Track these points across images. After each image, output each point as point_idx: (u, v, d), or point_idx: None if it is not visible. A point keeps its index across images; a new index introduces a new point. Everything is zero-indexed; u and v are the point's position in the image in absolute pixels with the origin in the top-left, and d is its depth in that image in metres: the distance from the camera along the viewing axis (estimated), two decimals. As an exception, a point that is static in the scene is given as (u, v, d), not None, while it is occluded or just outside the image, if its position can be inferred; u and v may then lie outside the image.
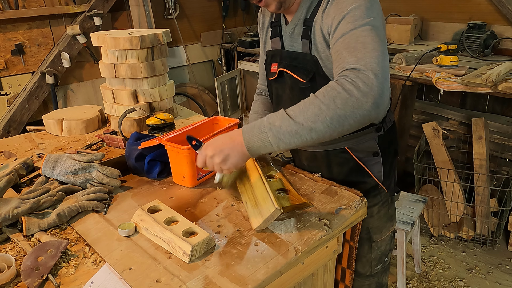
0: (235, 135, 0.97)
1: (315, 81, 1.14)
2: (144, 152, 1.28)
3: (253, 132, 0.94)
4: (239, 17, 4.07)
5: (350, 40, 0.95)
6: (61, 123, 1.72)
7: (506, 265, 2.35)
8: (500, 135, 2.51)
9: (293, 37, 1.19)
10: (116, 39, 1.61)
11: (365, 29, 0.95)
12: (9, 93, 2.83)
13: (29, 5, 2.76)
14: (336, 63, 0.97)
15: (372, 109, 0.88)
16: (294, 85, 1.20)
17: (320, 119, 0.89)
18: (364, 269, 1.36)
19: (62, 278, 0.87)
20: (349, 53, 0.93)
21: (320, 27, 1.08)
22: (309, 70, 1.14)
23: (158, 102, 1.77)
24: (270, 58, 1.29)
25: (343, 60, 0.94)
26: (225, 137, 0.99)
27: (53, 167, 1.22)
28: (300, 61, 1.17)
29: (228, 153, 0.97)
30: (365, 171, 1.24)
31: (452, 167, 2.49)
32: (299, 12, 1.15)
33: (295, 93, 1.21)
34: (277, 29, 1.25)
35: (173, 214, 1.01)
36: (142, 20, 3.21)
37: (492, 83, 2.09)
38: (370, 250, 1.33)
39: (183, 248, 0.89)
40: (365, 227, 1.29)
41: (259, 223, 0.97)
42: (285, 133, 0.91)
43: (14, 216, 1.02)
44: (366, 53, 0.91)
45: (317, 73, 1.13)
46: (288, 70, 1.20)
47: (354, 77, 0.89)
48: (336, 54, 0.98)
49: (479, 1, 2.79)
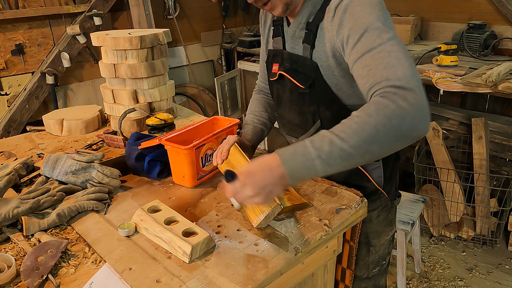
0: (275, 166, 0.84)
1: (314, 87, 1.12)
2: (144, 152, 1.28)
3: (296, 161, 0.84)
4: (239, 17, 4.07)
5: (383, 56, 0.89)
6: (61, 123, 1.72)
7: (506, 265, 2.35)
8: (500, 135, 2.51)
9: (294, 39, 1.17)
10: (116, 39, 1.61)
11: (394, 44, 0.90)
12: (9, 93, 2.83)
13: (29, 5, 2.75)
14: (368, 78, 0.90)
15: (425, 126, 0.83)
16: (294, 89, 1.18)
17: (377, 140, 0.81)
18: (361, 272, 1.34)
19: (62, 278, 0.87)
20: (385, 69, 0.87)
21: (329, 36, 1.03)
22: (308, 76, 1.12)
23: (158, 102, 1.77)
24: (272, 58, 1.27)
25: (380, 76, 0.87)
26: (263, 171, 0.85)
27: (53, 167, 1.22)
28: (300, 65, 1.14)
29: (270, 190, 0.85)
30: (365, 176, 1.22)
31: (452, 167, 2.49)
32: (300, 15, 1.12)
33: (294, 97, 1.20)
34: (279, 29, 1.22)
35: (173, 214, 1.01)
36: (142, 20, 3.21)
37: (492, 83, 2.09)
38: (368, 254, 1.31)
39: (183, 248, 0.90)
40: (364, 231, 1.27)
41: (261, 220, 0.96)
42: (336, 159, 0.83)
43: (14, 216, 1.02)
44: (404, 70, 0.86)
45: (317, 79, 1.11)
46: (288, 75, 1.17)
47: (403, 94, 0.82)
48: (367, 69, 0.91)
49: (479, 1, 2.79)
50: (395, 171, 1.29)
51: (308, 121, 1.19)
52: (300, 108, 1.19)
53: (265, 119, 1.38)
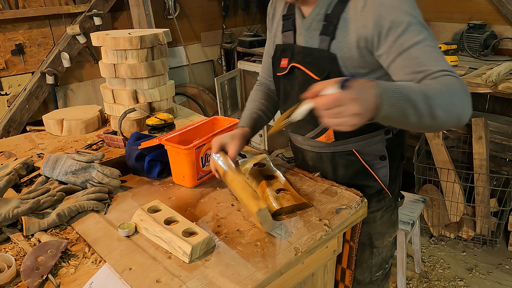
0: (374, 96, 0.80)
1: (329, 79, 1.11)
2: (144, 152, 1.28)
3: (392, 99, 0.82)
4: (239, 17, 4.07)
5: (429, 50, 0.95)
6: (61, 123, 1.72)
7: (506, 265, 2.35)
8: (500, 135, 2.51)
9: (309, 32, 1.14)
10: (116, 39, 1.61)
11: (433, 39, 0.98)
12: (9, 93, 2.83)
13: (29, 5, 2.75)
14: (420, 67, 0.95)
15: (470, 115, 0.92)
16: (306, 82, 1.14)
17: (448, 111, 0.88)
18: (364, 276, 1.33)
19: (62, 278, 0.87)
20: (436, 61, 0.94)
21: (356, 26, 1.03)
22: (324, 68, 1.10)
23: (158, 102, 1.77)
24: (280, 53, 1.24)
25: (434, 66, 0.93)
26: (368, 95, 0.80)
27: (53, 167, 1.22)
28: (315, 58, 1.12)
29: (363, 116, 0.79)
30: (371, 175, 1.22)
31: (452, 167, 2.49)
32: (318, 7, 1.10)
33: (305, 90, 1.18)
34: (290, 23, 1.19)
35: (173, 214, 1.01)
36: (142, 20, 3.21)
37: (492, 83, 2.09)
38: (371, 256, 1.30)
39: (183, 248, 0.89)
40: (367, 232, 1.27)
41: (262, 228, 0.98)
42: (415, 114, 0.84)
43: (14, 216, 1.02)
44: (449, 65, 0.95)
45: (333, 71, 1.09)
46: (301, 66, 1.14)
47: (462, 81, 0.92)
48: (417, 61, 0.95)
49: (479, 1, 2.79)
50: (400, 172, 1.29)
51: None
52: None
53: (264, 106, 1.35)
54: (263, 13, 4.14)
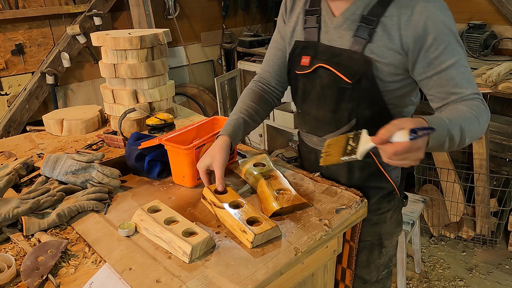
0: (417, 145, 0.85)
1: (360, 82, 1.07)
2: (144, 152, 1.28)
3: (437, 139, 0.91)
4: (239, 17, 4.07)
5: (464, 70, 1.02)
6: (61, 123, 1.72)
7: (506, 265, 2.35)
8: (500, 135, 2.51)
9: (339, 31, 1.10)
10: (116, 39, 1.61)
11: (466, 57, 1.04)
12: (9, 93, 2.83)
13: (29, 5, 2.75)
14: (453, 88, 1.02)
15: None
16: (333, 83, 1.11)
17: (472, 138, 0.98)
18: (371, 275, 1.33)
19: (62, 278, 0.87)
20: (468, 83, 1.02)
21: (400, 34, 1.02)
22: (355, 71, 1.06)
23: (158, 102, 1.77)
24: (300, 50, 1.18)
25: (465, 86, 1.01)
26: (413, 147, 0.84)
27: (53, 167, 1.22)
28: (344, 59, 1.08)
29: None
30: (384, 176, 1.21)
31: (452, 167, 2.49)
32: (354, 6, 1.06)
33: (330, 92, 1.13)
34: (315, 19, 1.14)
35: (173, 214, 1.01)
36: (142, 20, 3.21)
37: (492, 83, 2.09)
38: (380, 255, 1.30)
39: (183, 248, 0.89)
40: (377, 232, 1.27)
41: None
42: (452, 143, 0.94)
43: (14, 216, 1.02)
44: (476, 86, 1.03)
45: (365, 75, 1.06)
46: (331, 67, 1.10)
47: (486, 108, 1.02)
48: (451, 81, 1.01)
49: (479, 1, 2.79)
50: (406, 172, 1.30)
51: (342, 119, 1.15)
52: (337, 104, 1.13)
53: (253, 110, 1.28)
54: (263, 13, 4.14)
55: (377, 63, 1.05)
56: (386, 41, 1.03)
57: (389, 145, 0.84)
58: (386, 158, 0.86)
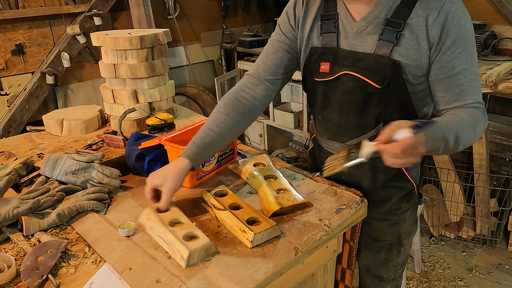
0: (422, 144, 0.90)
1: (389, 87, 1.05)
2: (144, 152, 1.28)
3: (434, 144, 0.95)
4: (239, 17, 4.07)
5: (473, 78, 1.04)
6: (61, 123, 1.72)
7: (506, 265, 2.35)
8: (500, 135, 2.51)
9: (361, 35, 1.07)
10: (116, 39, 1.61)
11: (477, 64, 1.06)
12: (9, 93, 2.83)
13: (29, 5, 2.75)
14: (458, 95, 1.04)
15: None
16: (359, 89, 1.09)
17: (465, 145, 1.02)
18: (389, 274, 1.34)
19: (62, 278, 0.87)
20: (473, 91, 1.04)
21: (427, 35, 1.01)
22: (384, 75, 1.04)
23: (158, 102, 1.77)
24: (318, 56, 1.14)
25: (470, 94, 1.04)
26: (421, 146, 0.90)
27: (53, 167, 1.22)
28: (370, 64, 1.06)
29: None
30: (405, 176, 1.21)
31: (452, 167, 2.49)
32: (377, 10, 1.04)
33: (355, 97, 1.10)
34: (332, 24, 1.11)
35: (179, 215, 1.01)
36: (142, 20, 3.21)
37: (492, 83, 2.09)
38: (398, 254, 1.31)
39: (181, 252, 0.89)
40: (397, 232, 1.27)
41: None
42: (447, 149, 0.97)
43: (14, 216, 1.02)
44: (481, 94, 1.06)
45: (394, 79, 1.04)
46: (357, 74, 1.07)
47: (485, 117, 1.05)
48: (459, 88, 1.04)
49: (479, 1, 2.79)
50: (423, 171, 1.31)
51: (369, 124, 1.13)
52: (363, 109, 1.11)
53: (226, 125, 1.16)
54: (263, 13, 4.14)
55: (405, 66, 1.04)
56: (414, 43, 1.02)
57: (395, 143, 0.87)
58: (392, 158, 0.89)
